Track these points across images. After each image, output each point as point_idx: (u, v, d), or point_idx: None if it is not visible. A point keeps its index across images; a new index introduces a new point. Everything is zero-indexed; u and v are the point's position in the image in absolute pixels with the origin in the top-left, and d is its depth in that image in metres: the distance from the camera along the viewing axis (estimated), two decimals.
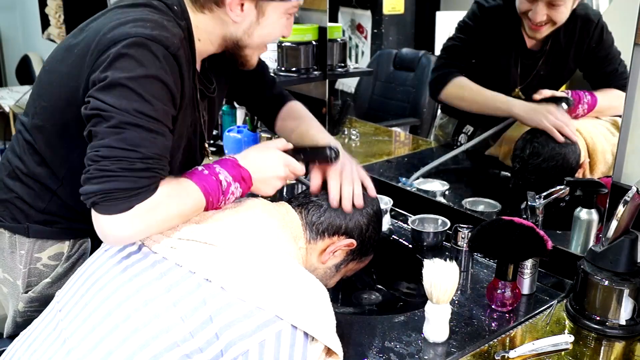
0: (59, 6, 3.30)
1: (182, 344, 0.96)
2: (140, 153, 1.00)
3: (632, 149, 1.35)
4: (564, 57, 1.60)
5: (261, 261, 1.05)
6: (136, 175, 1.00)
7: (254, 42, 1.22)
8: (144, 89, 1.01)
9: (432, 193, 1.86)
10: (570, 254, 1.46)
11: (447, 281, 1.18)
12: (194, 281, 1.00)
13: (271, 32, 1.22)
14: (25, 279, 1.31)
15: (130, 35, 1.03)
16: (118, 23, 1.07)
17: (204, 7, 1.17)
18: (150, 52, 1.03)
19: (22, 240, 1.28)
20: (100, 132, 1.00)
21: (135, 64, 1.02)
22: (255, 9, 1.17)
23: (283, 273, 1.04)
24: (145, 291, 1.01)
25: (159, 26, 1.07)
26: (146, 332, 0.97)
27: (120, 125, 1.00)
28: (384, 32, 2.18)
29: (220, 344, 0.95)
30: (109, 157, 0.99)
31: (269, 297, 0.97)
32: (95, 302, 1.04)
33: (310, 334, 0.99)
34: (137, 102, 1.01)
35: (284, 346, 0.96)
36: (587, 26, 1.54)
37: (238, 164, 1.17)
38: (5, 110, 3.40)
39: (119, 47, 1.02)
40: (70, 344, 1.01)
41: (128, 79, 1.01)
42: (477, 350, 1.21)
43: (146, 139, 1.01)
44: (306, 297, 1.02)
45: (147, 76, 1.02)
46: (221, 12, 1.17)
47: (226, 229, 1.09)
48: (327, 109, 2.13)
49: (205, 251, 1.04)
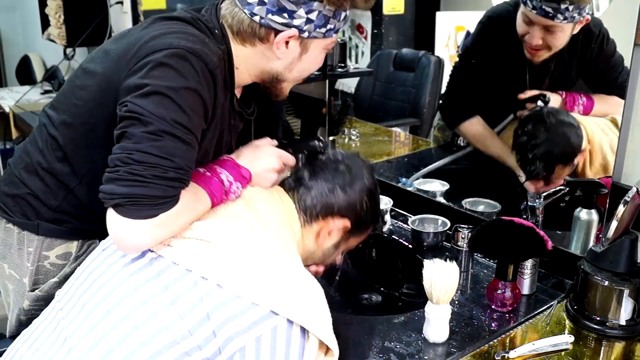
0: (59, 6, 3.29)
1: (182, 341, 0.96)
2: (174, 162, 1.00)
3: (632, 149, 1.35)
4: (568, 70, 1.60)
5: (257, 257, 1.05)
6: (167, 184, 1.00)
7: (293, 76, 1.23)
8: (183, 100, 1.02)
9: (432, 193, 1.86)
10: (570, 254, 1.46)
11: (447, 281, 1.18)
12: (191, 279, 1.00)
13: (310, 66, 1.23)
14: (32, 277, 1.31)
15: (173, 46, 1.04)
16: (160, 33, 1.08)
17: (245, 41, 1.17)
18: (190, 65, 1.04)
19: (30, 237, 1.28)
20: (136, 135, 1.00)
21: (175, 74, 1.02)
22: (299, 46, 1.17)
23: (279, 269, 1.04)
24: (144, 290, 1.01)
25: (200, 41, 1.08)
26: (145, 331, 0.98)
27: (157, 133, 1.00)
28: (384, 32, 2.18)
29: (218, 341, 0.96)
30: (143, 162, 0.99)
31: (264, 293, 0.98)
32: (94, 300, 1.04)
33: (306, 329, 0.99)
34: (175, 112, 1.01)
35: (280, 341, 0.97)
36: (589, 38, 1.53)
37: (237, 164, 1.18)
38: (6, 111, 3.39)
39: (160, 56, 1.03)
40: (70, 342, 1.02)
41: (168, 89, 1.01)
42: (477, 351, 1.21)
43: (181, 150, 1.02)
44: (301, 293, 1.02)
45: (187, 88, 1.03)
46: (264, 48, 1.17)
47: (222, 224, 1.09)
48: (327, 109, 2.13)
49: (201, 248, 1.04)
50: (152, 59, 1.03)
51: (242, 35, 1.16)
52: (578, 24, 1.51)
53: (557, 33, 1.53)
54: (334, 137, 2.13)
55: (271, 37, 1.15)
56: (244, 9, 1.13)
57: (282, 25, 1.12)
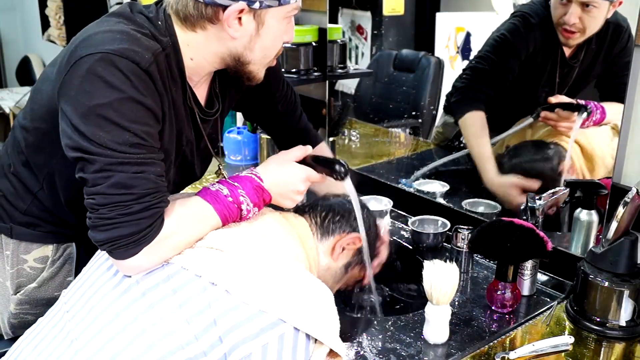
0: (59, 7, 3.30)
1: (187, 347, 0.96)
2: (134, 194, 0.98)
3: (632, 151, 1.35)
4: (594, 62, 1.60)
5: (266, 265, 1.05)
6: (136, 218, 0.98)
7: (257, 56, 1.13)
8: (119, 115, 0.96)
9: (432, 194, 1.86)
10: (570, 255, 1.46)
11: (447, 282, 1.18)
12: (200, 284, 1.00)
13: (273, 41, 1.14)
14: (14, 280, 1.30)
15: (98, 51, 0.98)
16: (88, 35, 1.03)
17: (195, 25, 1.08)
18: (118, 70, 0.97)
19: (7, 241, 1.28)
20: (90, 179, 0.98)
21: (104, 86, 0.96)
22: (254, 20, 1.08)
23: (287, 276, 1.04)
24: (152, 294, 1.01)
25: (129, 39, 1.01)
26: (152, 334, 0.97)
27: (105, 168, 0.97)
28: (384, 33, 2.18)
29: (224, 347, 0.95)
30: (105, 204, 0.98)
31: (272, 300, 0.97)
32: (103, 304, 1.04)
33: (313, 336, 0.99)
34: (116, 133, 0.96)
35: (286, 349, 0.96)
36: (618, 31, 1.52)
37: (262, 187, 1.13)
38: (5, 112, 3.40)
39: (87, 65, 0.97)
40: (77, 345, 1.01)
41: (101, 107, 0.96)
42: (477, 352, 1.21)
43: (136, 177, 0.98)
44: (310, 300, 1.02)
45: (121, 99, 0.97)
46: (216, 29, 1.08)
47: (232, 233, 1.09)
48: (327, 110, 2.13)
49: (212, 256, 1.04)
50: (79, 68, 0.98)
51: (190, 20, 1.07)
52: (612, 7, 1.51)
53: (593, 11, 1.52)
54: (334, 138, 2.13)
55: (220, 14, 1.05)
56: None
57: (229, 0, 1.04)
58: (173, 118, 1.11)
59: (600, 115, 1.55)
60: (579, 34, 1.57)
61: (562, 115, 1.60)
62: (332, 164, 1.19)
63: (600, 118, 1.55)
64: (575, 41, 1.59)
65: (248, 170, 1.16)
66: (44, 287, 1.31)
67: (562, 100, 1.61)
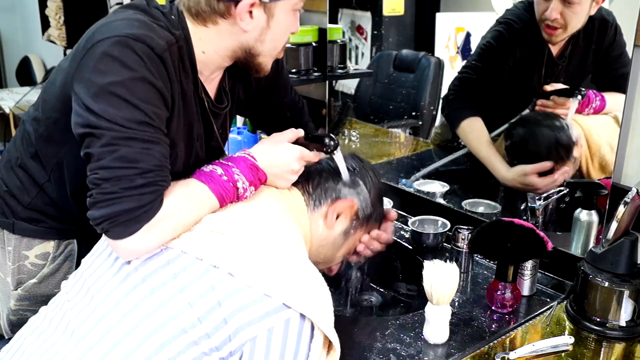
0: (59, 7, 3.30)
1: (190, 330, 0.96)
2: (138, 169, 0.98)
3: (632, 150, 1.35)
4: (584, 60, 1.60)
5: (268, 249, 1.05)
6: (138, 193, 0.98)
7: (267, 47, 1.17)
8: (132, 94, 0.98)
9: (432, 194, 1.86)
10: (570, 255, 1.46)
11: (447, 282, 1.18)
12: (202, 267, 0.99)
13: (282, 33, 1.18)
14: (15, 276, 1.31)
15: (115, 34, 1.01)
16: (105, 22, 1.06)
17: (207, 20, 1.12)
18: (134, 52, 1.00)
19: (9, 236, 1.29)
20: (95, 153, 0.99)
21: (119, 65, 0.99)
22: (264, 13, 1.12)
23: (290, 262, 1.04)
24: (152, 279, 1.01)
25: (145, 26, 1.04)
26: (154, 320, 0.97)
27: (112, 142, 0.97)
28: (384, 33, 2.18)
29: (228, 329, 0.95)
30: (109, 178, 0.97)
31: (276, 285, 0.97)
32: (103, 293, 1.04)
33: (316, 325, 0.99)
34: (126, 110, 0.98)
35: (292, 334, 0.96)
36: (604, 26, 1.52)
37: (256, 166, 1.15)
38: (5, 112, 3.40)
39: (103, 46, 1.00)
40: (78, 334, 1.01)
41: (114, 84, 0.98)
42: (477, 352, 1.21)
43: (142, 152, 0.99)
44: (311, 288, 1.02)
45: (134, 79, 0.99)
46: (227, 24, 1.12)
47: (232, 216, 1.09)
48: (327, 110, 2.13)
49: (211, 239, 1.04)
50: (95, 51, 1.00)
51: (201, 15, 1.11)
52: (595, 4, 1.51)
53: (574, 7, 1.52)
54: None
55: (232, 9, 1.09)
56: None
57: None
58: (182, 109, 1.13)
59: (600, 102, 1.55)
60: (561, 30, 1.57)
61: (558, 102, 1.60)
62: (321, 139, 1.22)
63: (600, 105, 1.55)
64: (559, 38, 1.59)
65: (241, 151, 1.17)
66: (44, 284, 1.31)
67: (557, 87, 1.62)
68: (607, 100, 1.55)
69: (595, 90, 1.57)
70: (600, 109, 1.55)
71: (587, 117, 1.56)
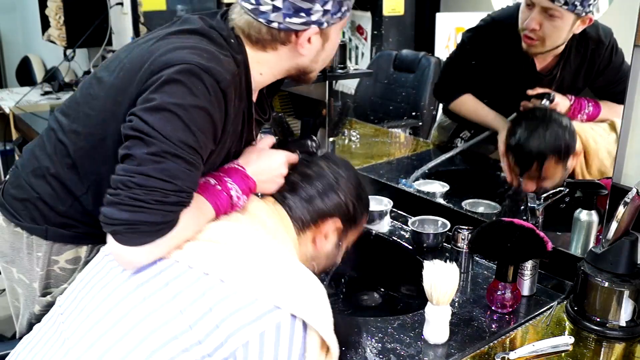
0: (59, 8, 3.29)
1: (180, 336, 0.96)
2: (176, 185, 0.99)
3: (632, 151, 1.35)
4: (575, 79, 1.59)
5: (259, 254, 1.05)
6: (166, 209, 0.99)
7: (319, 65, 1.24)
8: (191, 119, 1.00)
9: (432, 194, 1.86)
10: (570, 255, 1.46)
11: (447, 283, 1.18)
12: (193, 275, 1.00)
13: (332, 51, 1.24)
14: (42, 282, 1.30)
15: (186, 61, 1.02)
16: (174, 47, 1.06)
17: (266, 47, 1.15)
18: (202, 83, 1.02)
19: (39, 242, 1.27)
20: (139, 157, 0.98)
21: (186, 91, 1.00)
22: (320, 38, 1.16)
23: (282, 265, 1.04)
24: (144, 288, 1.01)
25: (214, 58, 1.06)
26: (144, 328, 0.97)
27: (160, 154, 0.98)
28: (384, 33, 2.18)
29: (220, 334, 0.95)
30: (144, 185, 0.97)
31: (267, 288, 0.98)
32: (94, 302, 1.04)
33: (309, 324, 0.99)
34: (182, 132, 0.99)
35: (283, 337, 0.96)
36: (599, 48, 1.51)
37: (247, 175, 1.17)
38: (6, 112, 3.39)
39: (172, 71, 1.01)
40: (68, 343, 1.01)
41: (178, 106, 0.99)
42: (477, 352, 1.21)
43: (184, 172, 1.00)
44: (305, 289, 1.02)
45: (197, 107, 1.01)
46: (287, 49, 1.16)
47: (224, 226, 1.09)
48: (327, 110, 2.13)
49: (204, 248, 1.05)
50: (164, 74, 1.02)
51: (262, 42, 1.15)
52: (580, 24, 1.50)
53: (556, 20, 1.50)
54: (334, 138, 2.13)
55: (292, 37, 1.14)
56: (259, 18, 1.11)
57: (302, 25, 1.12)
58: (229, 136, 1.14)
59: (594, 109, 1.55)
60: (539, 43, 1.56)
61: (537, 104, 1.61)
62: (303, 141, 1.28)
63: (593, 112, 1.55)
64: (537, 50, 1.58)
65: (229, 163, 1.19)
66: None
67: (538, 91, 1.62)
68: (602, 107, 1.54)
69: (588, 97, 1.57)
70: (594, 116, 1.55)
71: (585, 126, 1.56)
